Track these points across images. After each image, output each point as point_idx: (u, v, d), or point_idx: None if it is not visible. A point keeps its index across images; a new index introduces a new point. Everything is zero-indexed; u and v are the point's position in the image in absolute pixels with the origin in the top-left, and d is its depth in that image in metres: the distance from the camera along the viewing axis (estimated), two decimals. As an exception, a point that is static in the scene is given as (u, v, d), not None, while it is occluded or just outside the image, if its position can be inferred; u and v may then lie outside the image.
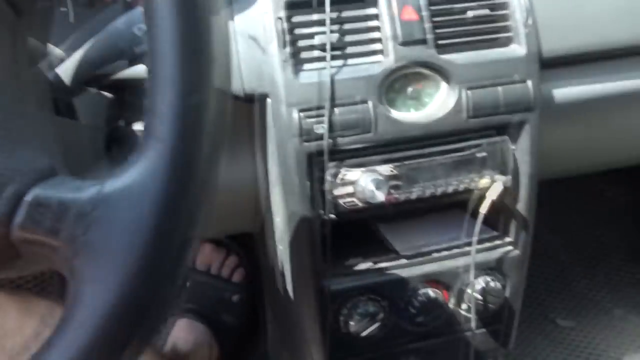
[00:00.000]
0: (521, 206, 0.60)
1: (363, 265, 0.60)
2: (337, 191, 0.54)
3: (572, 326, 1.14)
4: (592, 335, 1.11)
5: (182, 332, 1.03)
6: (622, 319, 1.15)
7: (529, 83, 0.56)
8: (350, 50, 0.53)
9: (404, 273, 0.60)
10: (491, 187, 0.56)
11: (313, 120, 0.52)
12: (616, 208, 1.29)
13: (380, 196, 0.53)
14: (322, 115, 0.51)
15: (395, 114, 0.54)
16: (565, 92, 0.62)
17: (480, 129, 0.56)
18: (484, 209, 0.56)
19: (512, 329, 0.67)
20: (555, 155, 0.75)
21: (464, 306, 0.62)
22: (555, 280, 1.23)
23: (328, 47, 0.51)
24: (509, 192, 0.59)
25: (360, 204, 0.54)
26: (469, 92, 0.54)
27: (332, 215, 0.55)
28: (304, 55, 0.52)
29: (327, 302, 0.57)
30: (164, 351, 0.98)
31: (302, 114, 0.51)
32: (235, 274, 1.09)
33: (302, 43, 0.52)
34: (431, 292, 0.60)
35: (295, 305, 0.64)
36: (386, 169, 0.54)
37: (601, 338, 1.11)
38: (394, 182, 0.54)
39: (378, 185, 0.53)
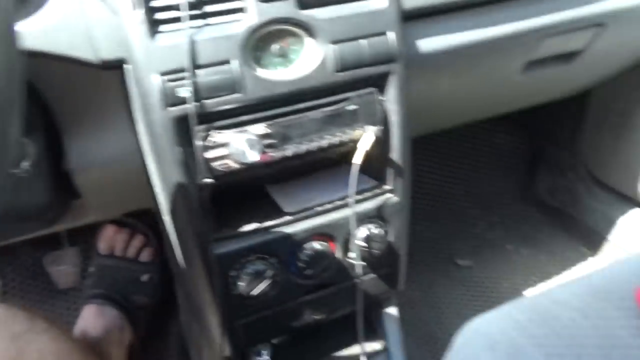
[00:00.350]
0: (395, 154, 0.63)
1: (249, 226, 0.60)
2: (210, 154, 0.53)
3: (470, 265, 1.24)
4: (488, 271, 1.22)
5: (90, 318, 0.99)
6: (514, 252, 1.26)
7: (391, 35, 0.57)
8: (209, 9, 0.52)
9: (290, 229, 0.61)
10: (362, 137, 0.58)
11: (176, 83, 0.50)
12: (505, 153, 1.39)
13: (254, 156, 0.54)
14: (185, 78, 0.50)
15: (262, 72, 0.54)
16: (430, 42, 0.65)
17: (348, 82, 0.57)
18: (357, 159, 0.58)
19: (400, 270, 0.71)
20: (430, 108, 0.79)
21: (351, 255, 0.65)
22: (455, 224, 1.32)
23: (184, 5, 0.50)
24: (382, 142, 0.62)
25: (235, 165, 0.54)
26: (334, 46, 0.55)
27: (209, 180, 0.54)
28: (160, 16, 0.50)
29: (214, 266, 0.57)
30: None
31: (163, 78, 0.50)
32: (143, 253, 1.07)
33: (156, 3, 0.50)
34: (317, 245, 0.62)
35: (187, 273, 0.64)
36: (259, 128, 0.54)
37: (496, 272, 1.22)
38: (267, 141, 0.55)
39: (251, 145, 0.53)
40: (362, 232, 0.64)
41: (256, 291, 0.60)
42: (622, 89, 1.03)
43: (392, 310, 0.76)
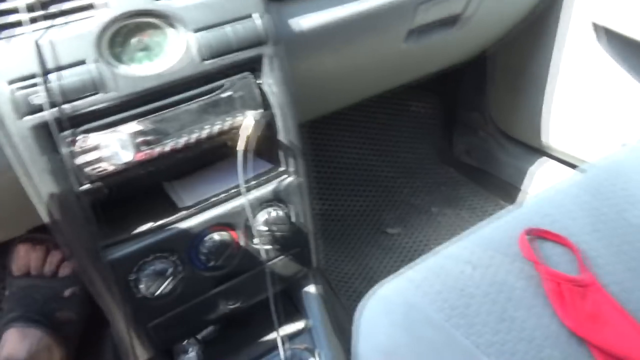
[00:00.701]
0: (285, 136, 0.63)
1: (144, 227, 0.59)
2: (81, 159, 0.51)
3: (399, 232, 1.27)
4: (415, 236, 1.26)
5: (12, 342, 0.95)
6: (438, 214, 1.31)
7: (256, 17, 0.57)
8: (54, 8, 0.49)
9: (187, 224, 0.60)
10: (244, 124, 0.58)
11: (28, 91, 0.48)
12: (421, 120, 1.43)
13: (128, 155, 0.52)
14: (37, 84, 0.48)
15: (125, 69, 0.52)
16: (304, 21, 0.65)
17: (220, 69, 0.57)
18: (241, 146, 0.58)
19: (310, 249, 0.72)
20: (324, 86, 0.79)
21: (255, 241, 0.65)
22: (382, 194, 1.35)
23: (23, 8, 0.47)
24: (270, 125, 0.62)
25: (110, 168, 0.52)
26: (197, 34, 0.54)
27: (86, 186, 0.53)
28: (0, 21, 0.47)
29: (108, 273, 0.56)
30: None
31: (12, 87, 0.47)
32: (62, 268, 1.03)
33: (-8, 8, 0.47)
34: (217, 235, 0.62)
35: (87, 281, 0.63)
36: (131, 127, 0.53)
37: (423, 236, 1.26)
38: (142, 139, 0.53)
39: (123, 144, 0.52)
40: (263, 216, 0.64)
41: (160, 291, 0.59)
42: (514, 48, 1.08)
43: (312, 289, 0.77)
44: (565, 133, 1.07)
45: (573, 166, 1.11)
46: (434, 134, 1.43)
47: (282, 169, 0.65)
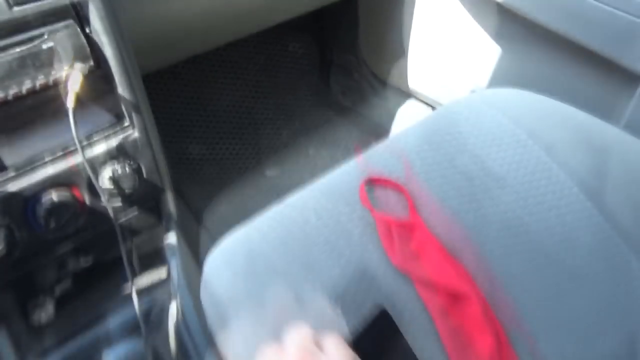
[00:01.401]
0: (123, 89, 0.60)
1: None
2: None
3: (278, 174, 1.30)
4: (294, 178, 1.30)
5: None
6: (315, 155, 1.35)
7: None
8: None
9: (18, 185, 0.56)
10: (70, 78, 0.54)
11: None
12: (298, 60, 1.42)
13: None
14: None
15: None
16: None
17: (37, 18, 0.51)
18: (70, 102, 0.54)
19: (165, 201, 0.71)
20: (176, 31, 0.75)
21: (103, 198, 0.63)
22: (261, 136, 1.35)
23: None
24: (101, 77, 0.58)
25: None
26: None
27: None
28: None
29: None
30: None
31: None
32: None
33: None
34: (56, 195, 0.58)
35: None
36: None
37: (301, 177, 1.30)
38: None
39: None
40: (107, 172, 0.61)
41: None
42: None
43: (170, 239, 0.77)
44: (427, 77, 1.14)
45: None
46: (312, 76, 1.44)
47: (126, 124, 0.62)
